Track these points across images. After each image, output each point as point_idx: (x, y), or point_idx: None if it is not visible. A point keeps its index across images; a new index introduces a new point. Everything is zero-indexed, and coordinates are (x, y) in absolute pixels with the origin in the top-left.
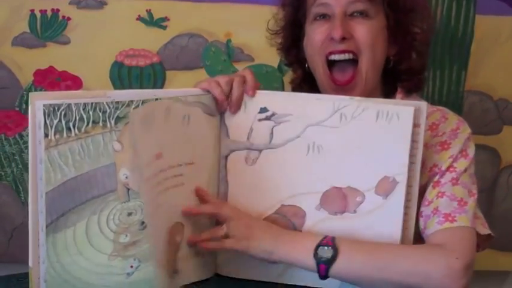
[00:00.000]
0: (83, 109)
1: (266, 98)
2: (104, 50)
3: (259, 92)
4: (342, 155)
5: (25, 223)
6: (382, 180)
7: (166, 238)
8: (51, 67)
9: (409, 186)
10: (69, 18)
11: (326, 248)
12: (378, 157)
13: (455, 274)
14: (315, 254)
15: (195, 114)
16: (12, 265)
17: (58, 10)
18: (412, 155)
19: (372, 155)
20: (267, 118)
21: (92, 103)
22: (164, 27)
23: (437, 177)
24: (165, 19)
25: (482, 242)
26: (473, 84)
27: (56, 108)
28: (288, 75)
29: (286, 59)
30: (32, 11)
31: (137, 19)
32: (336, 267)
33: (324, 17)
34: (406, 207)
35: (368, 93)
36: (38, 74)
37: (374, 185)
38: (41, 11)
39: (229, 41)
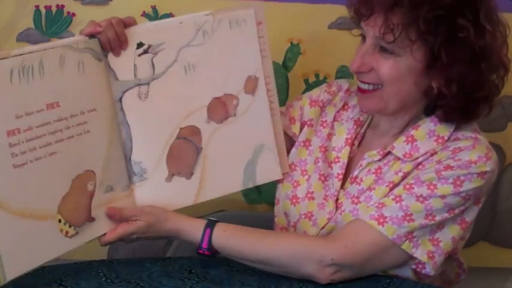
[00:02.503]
0: None
1: (139, 33)
2: None
3: (131, 28)
4: (213, 67)
5: None
6: (247, 80)
7: (75, 186)
8: None
9: (266, 77)
10: (73, 14)
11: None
12: (239, 61)
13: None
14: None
15: (87, 61)
16: None
17: (63, 6)
18: (262, 50)
19: (235, 60)
20: (145, 51)
21: None
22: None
23: (413, 181)
24: (170, 15)
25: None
26: None
27: None
28: (292, 72)
29: None
30: (37, 7)
31: (142, 15)
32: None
33: (364, 37)
34: (269, 96)
35: (395, 117)
36: None
37: (242, 86)
38: (45, 7)
39: None
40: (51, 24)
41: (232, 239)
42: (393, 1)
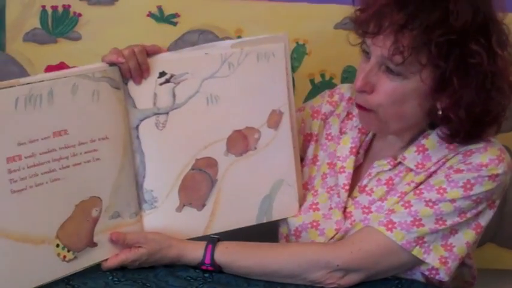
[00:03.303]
0: None
1: (162, 61)
2: (114, 46)
3: (154, 57)
4: (236, 100)
5: None
6: (271, 114)
7: (78, 212)
8: (62, 63)
9: (290, 113)
10: (80, 15)
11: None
12: (264, 94)
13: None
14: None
15: (103, 89)
16: None
17: (69, 6)
18: (288, 83)
19: (259, 93)
20: (167, 81)
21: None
22: (175, 24)
23: (423, 186)
24: (176, 15)
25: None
26: None
27: None
28: (298, 72)
29: None
30: (43, 7)
31: (148, 15)
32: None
33: (368, 54)
34: (292, 132)
35: (398, 136)
36: (49, 69)
37: (265, 120)
38: (52, 7)
39: (239, 37)
40: (58, 24)
41: (235, 254)
42: (404, 22)
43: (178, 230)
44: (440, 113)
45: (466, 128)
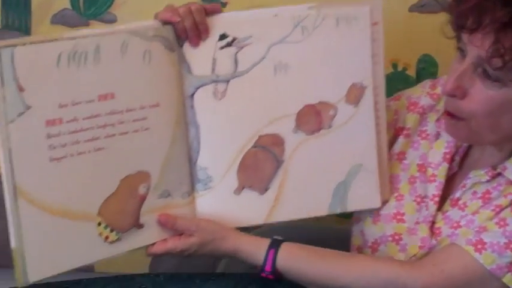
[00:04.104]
0: None
1: (224, 22)
2: None
3: (214, 16)
4: (309, 70)
5: None
6: (350, 88)
7: (123, 187)
8: None
9: (376, 87)
10: None
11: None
12: (343, 65)
13: None
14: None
15: (156, 50)
16: None
17: None
18: (374, 55)
19: (338, 64)
20: (228, 44)
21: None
22: (224, 5)
23: None
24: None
25: None
26: None
27: None
28: None
29: None
30: None
31: None
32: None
33: (463, 52)
34: (376, 110)
35: (495, 146)
36: None
37: (344, 94)
38: None
39: None
40: (90, 5)
41: (299, 261)
42: (508, 20)
43: (235, 215)
44: None
45: None
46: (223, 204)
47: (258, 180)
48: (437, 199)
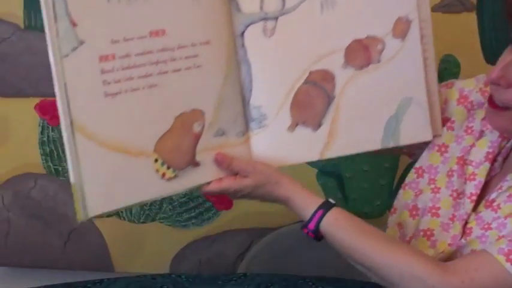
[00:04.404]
0: None
1: None
2: None
3: None
4: (355, 5)
5: (84, 225)
6: (397, 22)
7: (178, 124)
8: None
9: (421, 20)
10: None
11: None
12: None
13: None
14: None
15: None
16: (68, 272)
17: None
18: None
19: None
20: None
21: None
22: None
23: None
24: None
25: None
26: None
27: None
28: None
29: None
30: None
31: None
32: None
33: None
34: (423, 44)
35: None
36: None
37: (390, 28)
38: None
39: None
40: None
41: (341, 230)
42: None
43: (290, 153)
44: None
45: None
46: (278, 142)
47: (311, 116)
48: (474, 198)
